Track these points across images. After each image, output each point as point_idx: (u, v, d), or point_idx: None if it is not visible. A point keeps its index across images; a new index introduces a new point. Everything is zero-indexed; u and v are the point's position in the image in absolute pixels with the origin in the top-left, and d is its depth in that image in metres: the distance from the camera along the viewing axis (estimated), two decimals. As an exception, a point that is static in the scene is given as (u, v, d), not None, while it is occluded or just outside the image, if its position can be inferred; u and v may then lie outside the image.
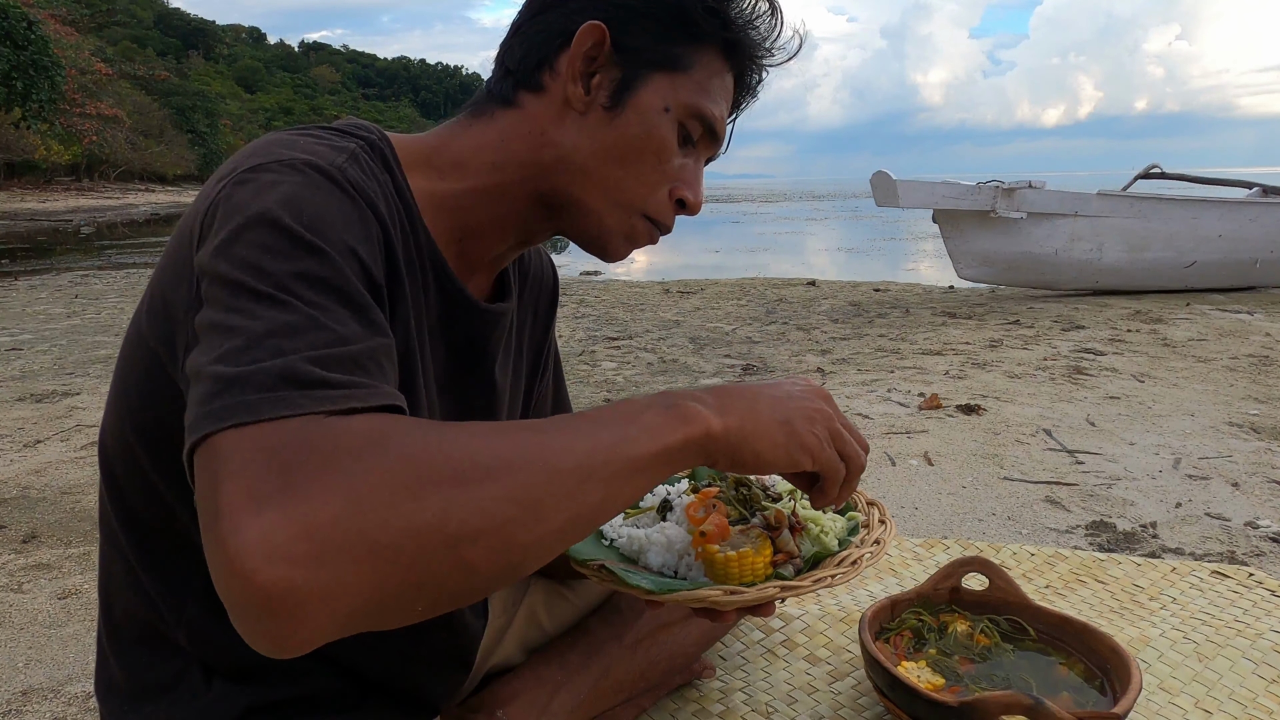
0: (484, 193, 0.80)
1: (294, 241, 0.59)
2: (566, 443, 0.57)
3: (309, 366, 0.54)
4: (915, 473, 2.51)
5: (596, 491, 0.57)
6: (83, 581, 1.89)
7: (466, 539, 0.51)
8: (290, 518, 0.47)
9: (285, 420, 0.51)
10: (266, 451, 0.50)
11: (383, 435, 0.52)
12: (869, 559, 0.79)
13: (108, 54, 53.94)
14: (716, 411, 0.64)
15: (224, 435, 0.51)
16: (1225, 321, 5.21)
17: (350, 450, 0.50)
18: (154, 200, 40.67)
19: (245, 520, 0.47)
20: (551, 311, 1.07)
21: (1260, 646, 1.31)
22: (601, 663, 1.07)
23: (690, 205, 0.83)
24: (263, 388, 0.52)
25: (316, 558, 0.47)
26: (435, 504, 0.50)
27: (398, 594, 0.50)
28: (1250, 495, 2.28)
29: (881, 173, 5.83)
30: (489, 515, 0.52)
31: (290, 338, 0.55)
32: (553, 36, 0.78)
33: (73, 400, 3.64)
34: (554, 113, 0.78)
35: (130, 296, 7.43)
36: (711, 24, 0.78)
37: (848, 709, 1.19)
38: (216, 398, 0.52)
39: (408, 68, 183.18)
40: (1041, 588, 1.54)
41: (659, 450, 0.60)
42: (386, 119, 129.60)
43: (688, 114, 0.79)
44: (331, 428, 0.51)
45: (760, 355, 4.52)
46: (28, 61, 28.53)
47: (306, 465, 0.49)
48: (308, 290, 0.57)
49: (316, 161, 0.65)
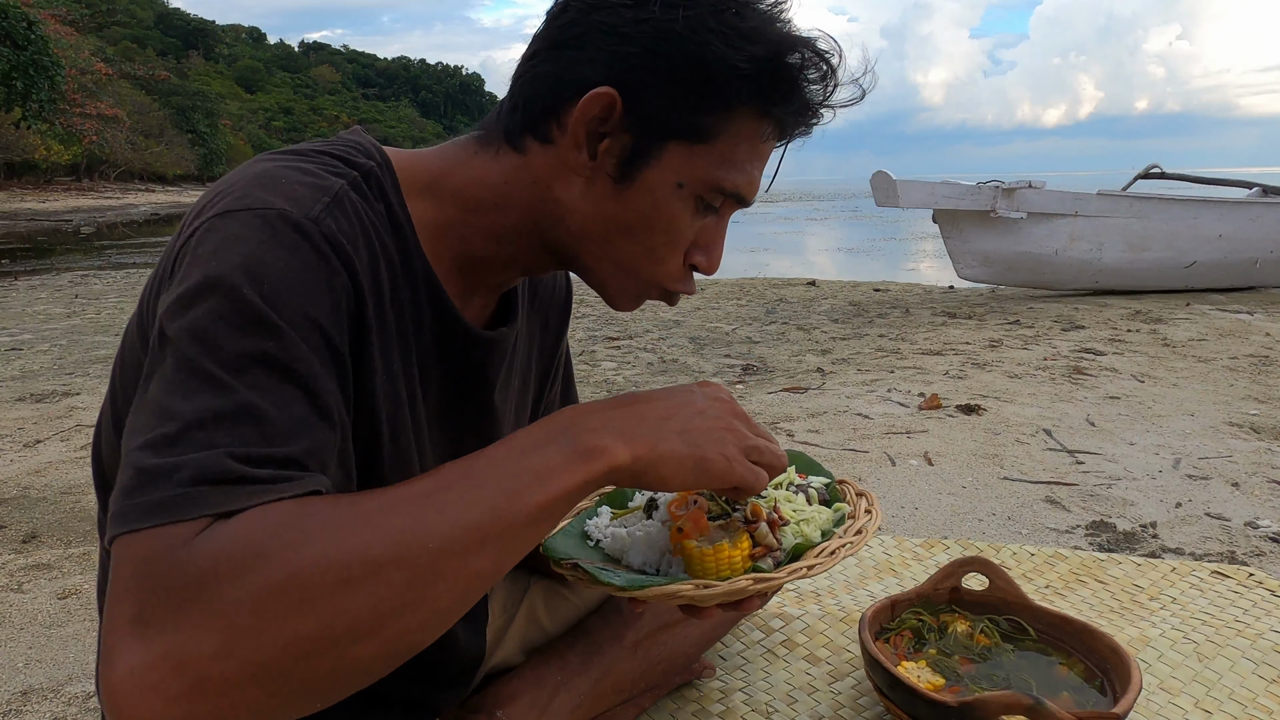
0: (486, 230, 0.76)
1: (248, 316, 0.57)
2: (456, 512, 0.55)
3: (232, 464, 0.53)
4: (915, 473, 2.51)
5: (490, 556, 0.55)
6: (83, 581, 1.89)
7: (354, 639, 0.50)
8: (165, 653, 0.47)
9: (177, 526, 0.51)
10: (151, 565, 0.50)
11: (265, 541, 0.50)
12: (847, 550, 0.78)
13: (108, 54, 53.91)
14: (623, 440, 0.61)
15: (128, 540, 0.51)
16: (1225, 321, 5.21)
17: (230, 569, 0.49)
18: (154, 200, 40.65)
19: (122, 652, 0.48)
20: (564, 321, 1.05)
21: (1260, 646, 1.31)
22: (601, 663, 1.07)
23: (703, 269, 0.77)
24: (180, 484, 0.52)
25: (193, 690, 0.47)
26: (318, 613, 0.49)
27: (287, 703, 0.50)
28: (1250, 495, 2.28)
29: (881, 173, 5.83)
30: (374, 611, 0.51)
31: (221, 429, 0.54)
32: (563, 85, 0.70)
33: (73, 400, 3.63)
34: (558, 171, 0.72)
35: (130, 297, 7.43)
36: (743, 92, 0.68)
37: (848, 709, 1.19)
38: (130, 494, 0.52)
39: (408, 68, 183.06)
40: (1041, 588, 1.54)
41: (557, 496, 0.58)
42: (386, 119, 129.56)
43: (705, 189, 0.72)
44: (218, 536, 0.50)
45: (760, 355, 4.51)
46: (28, 61, 28.53)
47: (184, 587, 0.49)
48: (254, 372, 0.56)
49: (290, 214, 0.62)
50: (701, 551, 0.76)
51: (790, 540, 0.79)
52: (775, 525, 0.80)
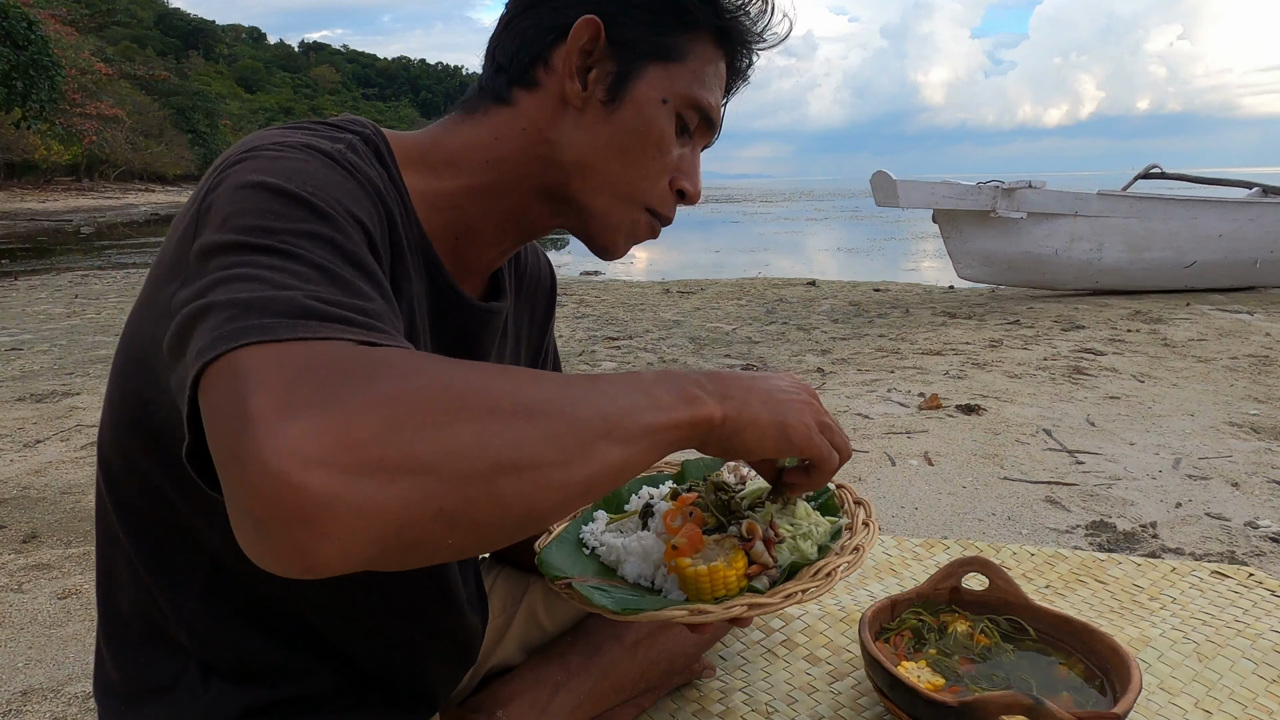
0: (480, 191, 0.79)
1: (298, 204, 0.57)
2: (590, 399, 0.56)
3: (327, 306, 0.51)
4: (915, 473, 2.51)
5: (616, 451, 0.56)
6: (83, 581, 1.89)
7: (502, 470, 0.49)
8: (330, 425, 0.44)
9: (313, 342, 0.48)
10: (297, 368, 0.47)
11: (417, 363, 0.50)
12: (844, 570, 0.77)
13: (108, 54, 53.90)
14: (717, 399, 0.64)
15: (246, 351, 0.47)
16: (1225, 321, 5.21)
17: (387, 371, 0.48)
18: (154, 200, 40.67)
19: (280, 426, 0.44)
20: (549, 312, 1.07)
21: (1260, 646, 1.31)
22: (601, 663, 1.07)
23: (690, 195, 0.83)
24: (283, 314, 0.49)
25: (356, 469, 0.44)
26: (473, 431, 0.49)
27: (430, 521, 0.47)
28: (1250, 495, 2.28)
29: (881, 173, 5.83)
30: (524, 451, 0.50)
31: (304, 283, 0.52)
32: (546, 31, 0.77)
33: (73, 400, 3.63)
34: (550, 109, 0.77)
35: (130, 296, 7.43)
36: (704, 11, 0.78)
37: (848, 709, 1.19)
38: (231, 321, 0.49)
39: (408, 68, 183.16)
40: (1041, 588, 1.54)
41: (669, 424, 0.60)
42: (386, 119, 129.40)
43: (685, 104, 0.79)
44: (363, 353, 0.49)
45: (760, 355, 4.52)
46: (28, 61, 28.51)
47: (343, 380, 0.47)
48: (316, 248, 0.55)
49: (316, 143, 0.65)
50: (696, 572, 0.75)
51: (787, 557, 0.78)
52: (771, 543, 0.78)
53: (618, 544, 0.86)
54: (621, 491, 0.99)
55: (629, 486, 0.99)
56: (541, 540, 0.90)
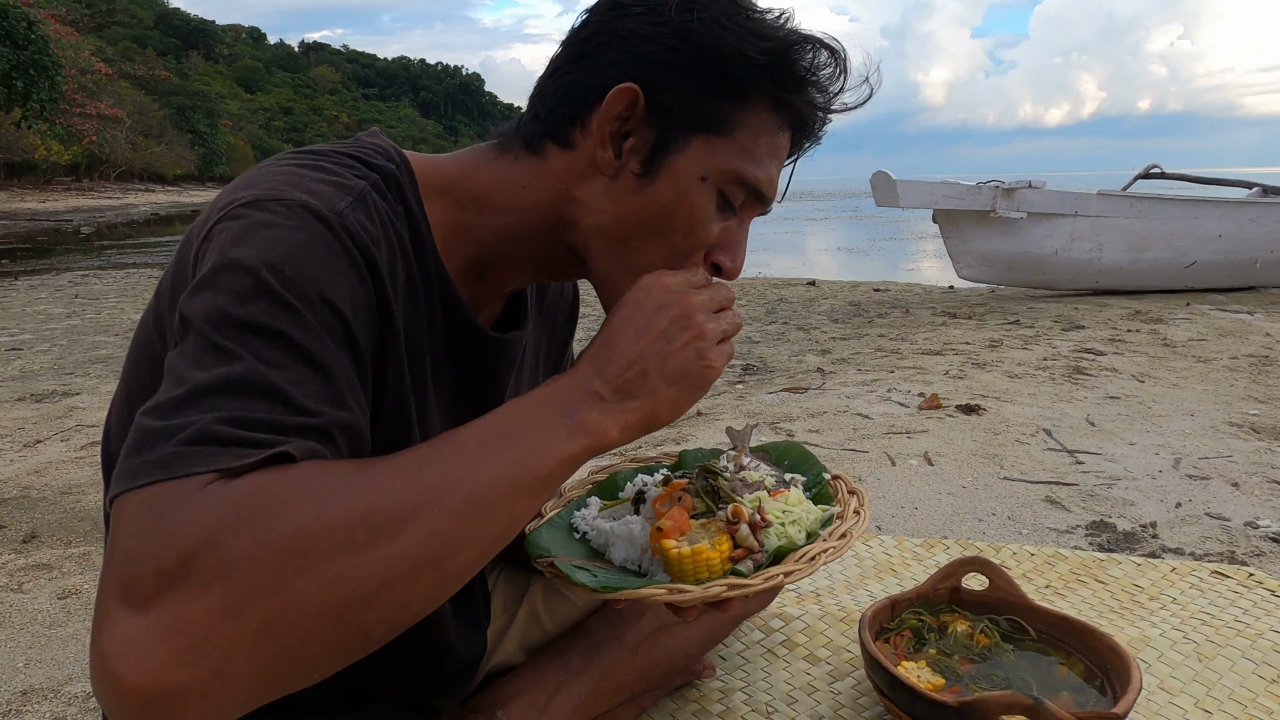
0: (504, 231, 0.77)
1: (267, 295, 0.57)
2: (468, 472, 0.55)
3: (236, 429, 0.52)
4: (915, 473, 2.51)
5: (502, 518, 0.56)
6: (83, 581, 1.89)
7: (360, 605, 0.49)
8: (163, 613, 0.45)
9: (180, 480, 0.49)
10: (152, 520, 0.48)
11: (274, 499, 0.50)
12: (828, 555, 0.76)
13: (108, 54, 53.95)
14: (619, 409, 0.64)
15: (122, 500, 0.50)
16: (1225, 321, 5.21)
17: (236, 521, 0.48)
18: (154, 200, 40.67)
19: (117, 618, 0.46)
20: (570, 327, 1.06)
21: (1260, 646, 1.31)
22: (602, 663, 1.07)
23: (726, 271, 0.77)
24: (181, 442, 0.51)
25: (193, 654, 0.45)
26: (324, 576, 0.48)
27: (288, 671, 0.49)
28: (1250, 495, 2.28)
29: (881, 173, 5.83)
30: (383, 577, 0.50)
31: (229, 396, 0.53)
32: (587, 90, 0.72)
33: (73, 400, 3.63)
34: (580, 170, 0.74)
35: (130, 296, 7.43)
36: (759, 81, 0.71)
37: (848, 709, 1.19)
38: (131, 454, 0.51)
39: (408, 68, 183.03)
40: (1041, 588, 1.54)
41: (561, 463, 0.60)
42: (386, 119, 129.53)
43: (728, 180, 0.73)
44: (224, 492, 0.49)
45: (760, 355, 4.51)
46: (28, 61, 28.51)
47: (187, 542, 0.47)
48: (268, 348, 0.56)
49: (314, 205, 0.62)
50: (679, 554, 0.75)
51: (774, 542, 0.78)
52: (757, 527, 0.78)
53: (607, 528, 0.86)
54: (616, 479, 1.00)
55: (624, 475, 1.00)
56: (533, 524, 0.90)
